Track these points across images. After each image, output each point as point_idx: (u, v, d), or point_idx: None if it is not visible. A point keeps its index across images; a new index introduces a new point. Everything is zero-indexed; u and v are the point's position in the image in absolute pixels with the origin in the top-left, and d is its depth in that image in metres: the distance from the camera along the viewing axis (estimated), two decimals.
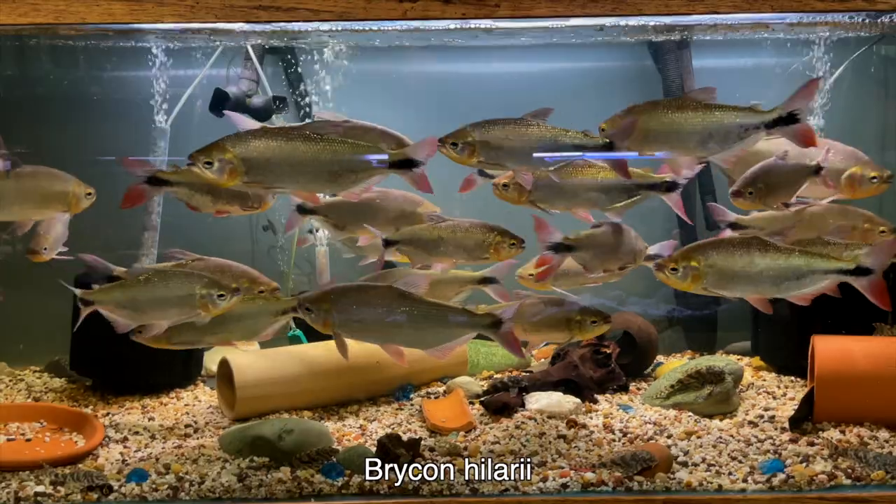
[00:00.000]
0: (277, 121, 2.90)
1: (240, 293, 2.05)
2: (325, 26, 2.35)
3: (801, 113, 1.94)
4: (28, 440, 2.28)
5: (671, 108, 2.00)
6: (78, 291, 2.11)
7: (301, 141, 1.90)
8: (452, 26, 2.27)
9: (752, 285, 1.97)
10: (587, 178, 2.15)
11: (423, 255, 2.22)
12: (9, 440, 2.28)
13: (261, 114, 2.82)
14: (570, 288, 2.34)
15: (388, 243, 2.23)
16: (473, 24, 2.21)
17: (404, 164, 1.98)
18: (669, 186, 2.15)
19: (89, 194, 2.22)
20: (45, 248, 2.40)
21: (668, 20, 2.32)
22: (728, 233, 2.33)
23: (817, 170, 2.25)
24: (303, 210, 2.25)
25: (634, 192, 2.17)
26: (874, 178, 2.28)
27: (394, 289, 2.01)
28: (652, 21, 2.30)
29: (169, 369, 2.64)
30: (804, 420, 2.26)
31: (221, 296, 2.02)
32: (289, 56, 2.95)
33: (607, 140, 2.04)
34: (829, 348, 2.30)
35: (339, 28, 2.38)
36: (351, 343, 2.56)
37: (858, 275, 1.91)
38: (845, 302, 2.65)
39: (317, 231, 2.61)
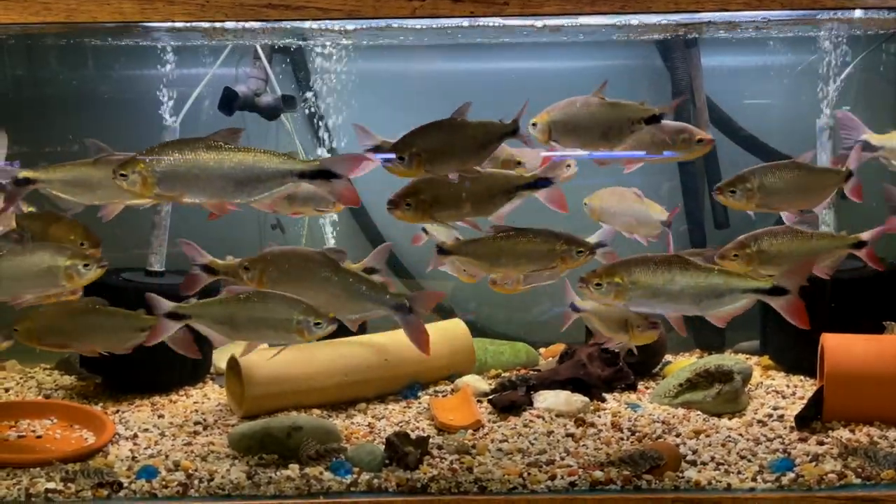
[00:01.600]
0: (286, 120, 2.91)
1: (335, 324, 2.05)
2: (334, 25, 2.35)
3: (665, 114, 2.13)
4: (39, 437, 2.29)
5: (585, 105, 2.12)
6: (169, 304, 2.06)
7: (207, 151, 1.94)
8: (464, 24, 2.27)
9: (673, 302, 2.00)
10: (476, 187, 2.08)
11: (484, 267, 2.17)
12: (20, 437, 2.29)
13: (269, 113, 2.83)
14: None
15: (442, 251, 2.16)
16: (482, 22, 2.20)
17: (320, 175, 1.98)
18: (540, 184, 2.09)
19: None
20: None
21: (677, 17, 2.31)
22: None
23: (848, 175, 2.19)
24: (443, 251, 2.17)
25: (513, 194, 2.10)
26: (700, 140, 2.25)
27: (324, 256, 2.05)
28: (662, 19, 2.29)
29: (178, 367, 2.65)
30: (812, 419, 2.26)
31: (318, 324, 2.01)
32: (297, 55, 2.95)
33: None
34: (838, 347, 2.30)
35: (351, 28, 2.38)
36: (360, 342, 2.60)
37: (774, 294, 1.97)
38: (855, 301, 2.67)
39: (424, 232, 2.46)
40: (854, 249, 2.20)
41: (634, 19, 2.23)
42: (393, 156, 2.00)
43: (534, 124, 2.10)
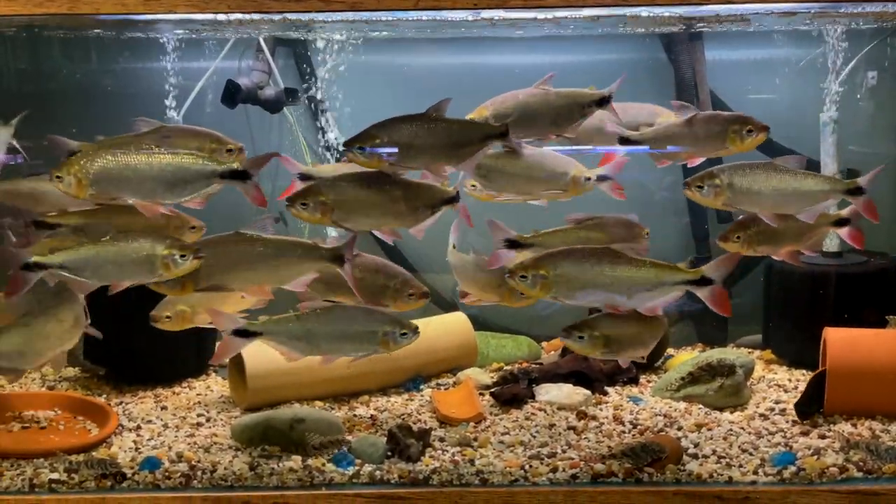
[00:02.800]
0: (288, 113, 2.91)
1: (418, 333, 2.06)
2: (336, 17, 2.35)
3: (612, 95, 2.14)
4: (42, 428, 2.30)
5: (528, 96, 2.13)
6: (234, 322, 2.02)
7: (137, 154, 1.99)
8: (469, 18, 2.26)
9: (602, 295, 1.99)
10: (380, 193, 2.03)
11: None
12: (24, 428, 2.30)
13: (272, 105, 2.83)
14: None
15: (513, 244, 2.10)
16: (484, 14, 2.20)
17: (234, 176, 2.00)
18: (454, 199, 2.07)
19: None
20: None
21: (680, 10, 2.31)
22: None
23: (855, 190, 2.14)
24: (513, 244, 2.12)
25: (438, 208, 2.07)
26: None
27: (250, 237, 2.04)
28: (665, 11, 2.29)
29: (181, 359, 2.66)
30: (811, 410, 2.25)
31: (404, 334, 2.02)
32: (300, 48, 2.95)
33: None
34: (840, 341, 2.30)
35: (351, 18, 2.38)
36: None
37: (702, 285, 1.98)
38: (858, 295, 2.67)
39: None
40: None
41: (642, 11, 2.22)
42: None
43: (471, 117, 2.07)
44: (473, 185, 2.22)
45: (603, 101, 2.14)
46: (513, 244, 2.11)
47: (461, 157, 2.04)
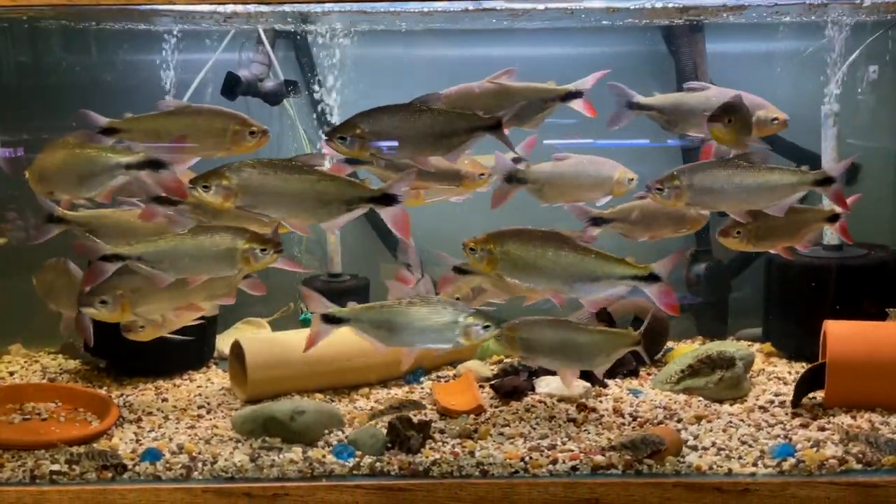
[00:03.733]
0: (289, 105, 2.90)
1: (499, 328, 2.06)
2: (336, 8, 2.35)
3: (585, 91, 2.14)
4: (43, 419, 2.31)
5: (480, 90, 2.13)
6: (328, 305, 2.02)
7: (56, 148, 2.05)
8: (470, 7, 2.25)
9: (544, 279, 1.99)
10: (290, 183, 1.98)
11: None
12: (25, 419, 2.31)
13: (272, 98, 2.82)
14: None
15: (461, 271, 2.17)
16: (486, 5, 2.20)
17: (146, 166, 2.01)
18: (385, 199, 1.98)
19: None
20: None
21: (683, 1, 2.30)
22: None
23: (825, 180, 2.14)
24: (598, 222, 2.18)
25: (354, 206, 2.00)
26: (775, 119, 2.25)
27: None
28: (669, 3, 2.28)
29: (182, 352, 2.66)
30: (799, 398, 2.26)
31: (486, 327, 2.02)
32: (300, 40, 2.94)
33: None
34: (840, 334, 2.30)
35: (353, 9, 2.37)
36: None
37: (650, 281, 1.98)
38: (858, 288, 2.67)
39: None
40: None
41: (645, 3, 2.21)
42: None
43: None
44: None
45: (570, 96, 2.13)
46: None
47: (447, 148, 2.02)
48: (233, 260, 2.01)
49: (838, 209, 2.22)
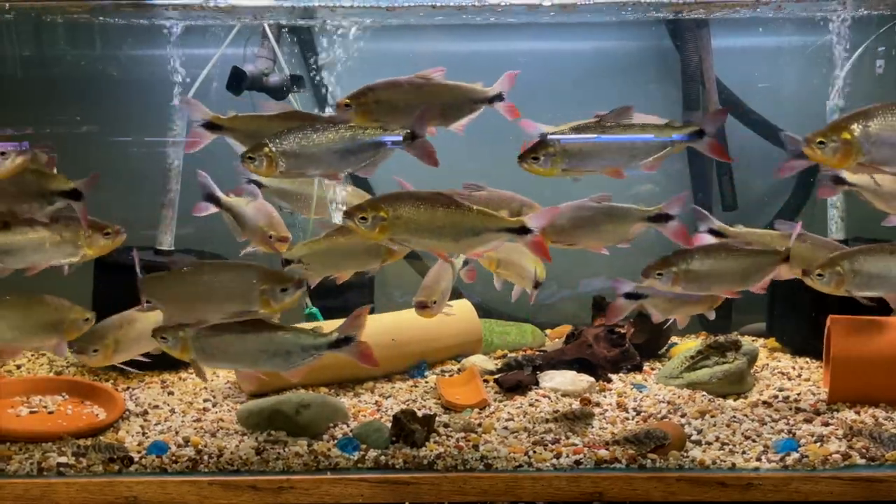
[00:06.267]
0: (293, 100, 2.90)
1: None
2: (342, 2, 2.35)
3: (503, 94, 2.12)
4: (50, 412, 2.32)
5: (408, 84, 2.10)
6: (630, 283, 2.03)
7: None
8: (473, 3, 2.25)
9: (435, 239, 1.98)
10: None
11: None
12: (32, 412, 2.32)
13: (277, 93, 2.83)
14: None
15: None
16: (491, 0, 2.19)
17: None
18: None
19: None
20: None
21: None
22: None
23: (698, 133, 2.08)
24: None
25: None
26: None
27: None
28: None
29: None
30: None
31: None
32: (305, 35, 2.95)
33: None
34: (845, 329, 2.30)
35: (356, 4, 2.37)
36: (368, 322, 2.60)
37: (521, 233, 1.99)
38: None
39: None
40: (655, 224, 2.15)
41: None
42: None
43: (347, 104, 2.04)
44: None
45: (494, 99, 2.11)
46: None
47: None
48: (378, 253, 2.11)
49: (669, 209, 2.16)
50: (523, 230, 1.98)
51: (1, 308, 2.06)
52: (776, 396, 2.39)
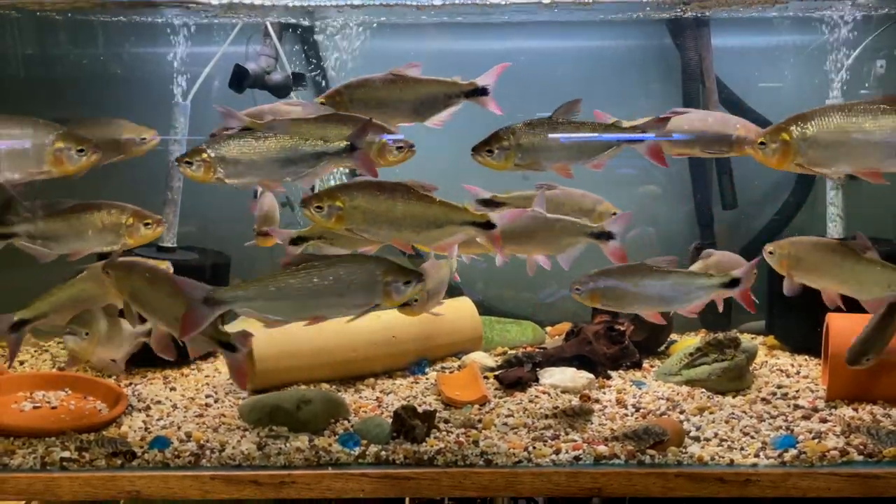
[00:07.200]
0: (296, 97, 2.92)
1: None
2: (342, 1, 2.36)
3: (487, 87, 2.09)
4: (54, 408, 2.34)
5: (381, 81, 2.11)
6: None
7: None
8: (478, 2, 2.25)
9: (394, 229, 1.97)
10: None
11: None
12: (35, 408, 2.34)
13: (279, 90, 2.84)
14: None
15: None
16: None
17: None
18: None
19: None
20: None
21: None
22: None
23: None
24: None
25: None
26: None
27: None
28: None
29: None
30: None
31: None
32: (307, 33, 2.96)
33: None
34: (843, 327, 2.31)
35: (357, 3, 2.38)
36: (368, 318, 2.61)
37: (486, 228, 1.99)
38: None
39: None
40: (597, 240, 2.16)
41: None
42: None
43: (322, 104, 2.06)
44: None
45: (474, 93, 2.10)
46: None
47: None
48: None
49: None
50: (488, 225, 1.97)
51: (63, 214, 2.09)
52: (775, 393, 2.40)
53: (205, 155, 1.96)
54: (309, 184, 2.09)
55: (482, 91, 2.09)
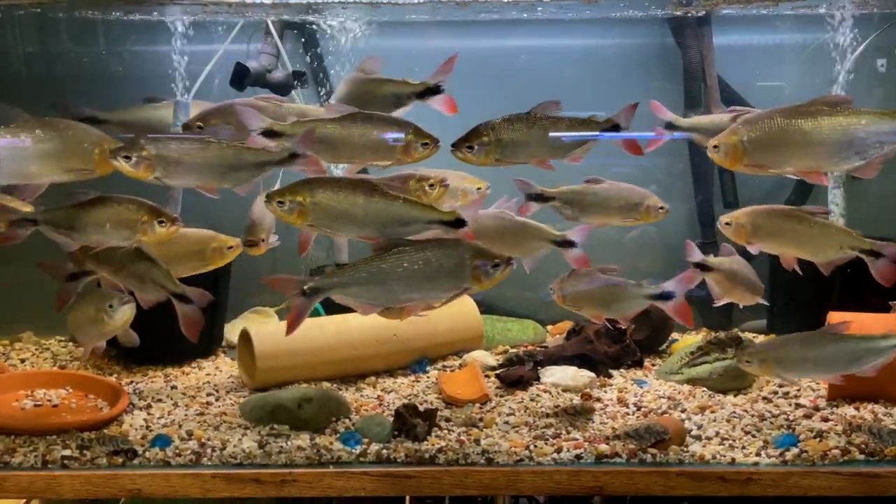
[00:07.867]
0: (297, 95, 2.92)
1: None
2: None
3: (444, 84, 2.08)
4: (55, 406, 2.34)
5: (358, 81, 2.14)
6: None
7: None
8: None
9: (356, 226, 1.97)
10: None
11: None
12: (36, 406, 2.34)
13: (281, 89, 2.84)
14: None
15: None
16: None
17: None
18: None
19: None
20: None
21: None
22: None
23: (612, 127, 2.15)
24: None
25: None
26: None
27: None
28: None
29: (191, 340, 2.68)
30: None
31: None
32: (308, 31, 2.96)
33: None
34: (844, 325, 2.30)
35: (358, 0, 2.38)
36: (370, 318, 2.60)
37: (456, 226, 1.98)
38: (862, 281, 2.67)
39: None
40: (560, 247, 2.23)
41: None
42: None
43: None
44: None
45: (426, 93, 2.08)
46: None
47: (235, 181, 2.03)
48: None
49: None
50: (458, 223, 1.96)
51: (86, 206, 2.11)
52: (776, 392, 2.40)
53: (145, 152, 1.94)
54: (247, 192, 2.06)
55: (436, 90, 2.07)
